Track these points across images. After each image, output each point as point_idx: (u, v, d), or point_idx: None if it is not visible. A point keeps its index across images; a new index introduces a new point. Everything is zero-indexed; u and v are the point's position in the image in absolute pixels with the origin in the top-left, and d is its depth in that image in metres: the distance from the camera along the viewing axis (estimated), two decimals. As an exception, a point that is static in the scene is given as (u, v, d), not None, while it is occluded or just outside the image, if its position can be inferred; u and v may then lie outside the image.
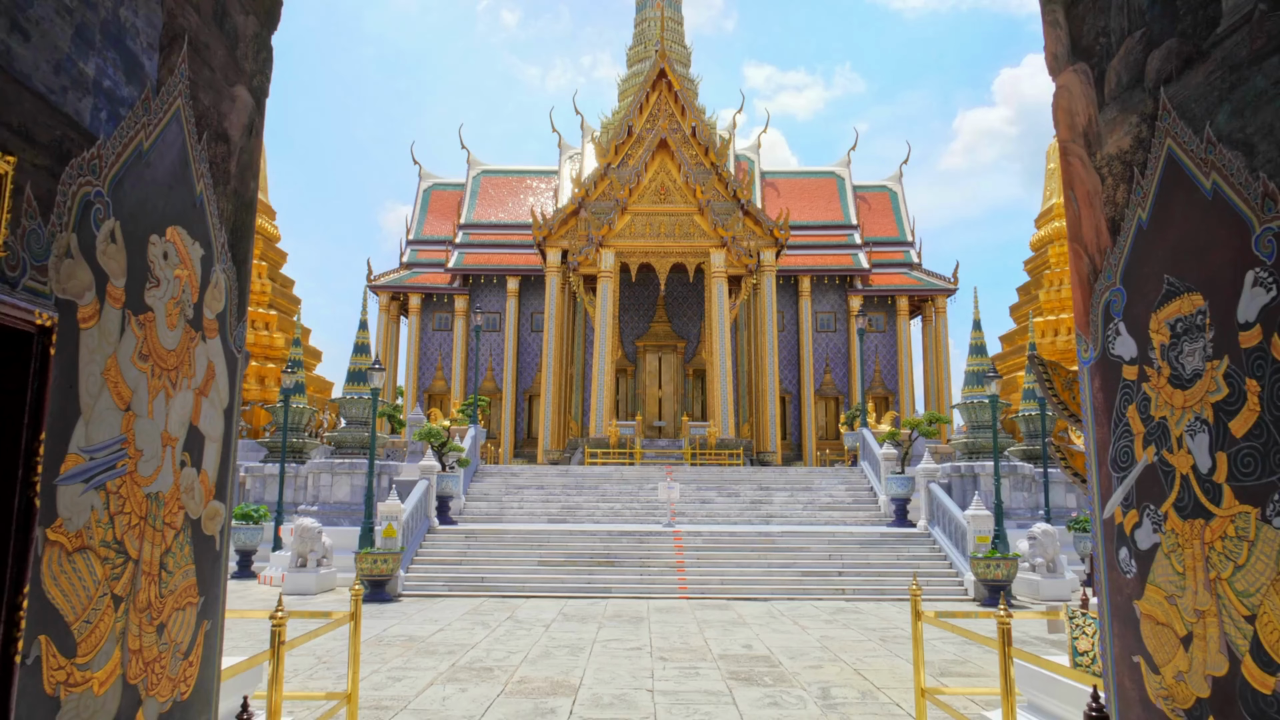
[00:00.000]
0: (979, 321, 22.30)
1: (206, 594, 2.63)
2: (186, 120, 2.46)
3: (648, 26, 40.52)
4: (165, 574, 2.38)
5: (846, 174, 44.00)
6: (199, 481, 2.58)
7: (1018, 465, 20.84)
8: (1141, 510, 2.79)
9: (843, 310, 39.60)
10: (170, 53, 2.37)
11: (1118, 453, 2.92)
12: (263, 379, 32.22)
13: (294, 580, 16.80)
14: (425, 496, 19.75)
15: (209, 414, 2.63)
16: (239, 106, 2.80)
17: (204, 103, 2.57)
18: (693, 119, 33.59)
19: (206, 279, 2.61)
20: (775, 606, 15.25)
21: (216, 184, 2.67)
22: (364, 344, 21.85)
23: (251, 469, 24.56)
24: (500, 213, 42.06)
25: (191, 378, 2.51)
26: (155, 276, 2.30)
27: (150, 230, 2.27)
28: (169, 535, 2.41)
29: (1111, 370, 2.96)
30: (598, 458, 29.39)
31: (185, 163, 2.46)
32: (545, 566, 17.83)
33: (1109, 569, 2.97)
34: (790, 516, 22.32)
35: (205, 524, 2.63)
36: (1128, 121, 2.89)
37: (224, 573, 2.80)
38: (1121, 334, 2.91)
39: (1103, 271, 3.02)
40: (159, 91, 2.31)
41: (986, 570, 16.07)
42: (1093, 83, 3.09)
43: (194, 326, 2.52)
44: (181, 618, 2.48)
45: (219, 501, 2.71)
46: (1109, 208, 2.99)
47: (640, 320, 37.93)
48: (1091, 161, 3.10)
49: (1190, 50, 2.58)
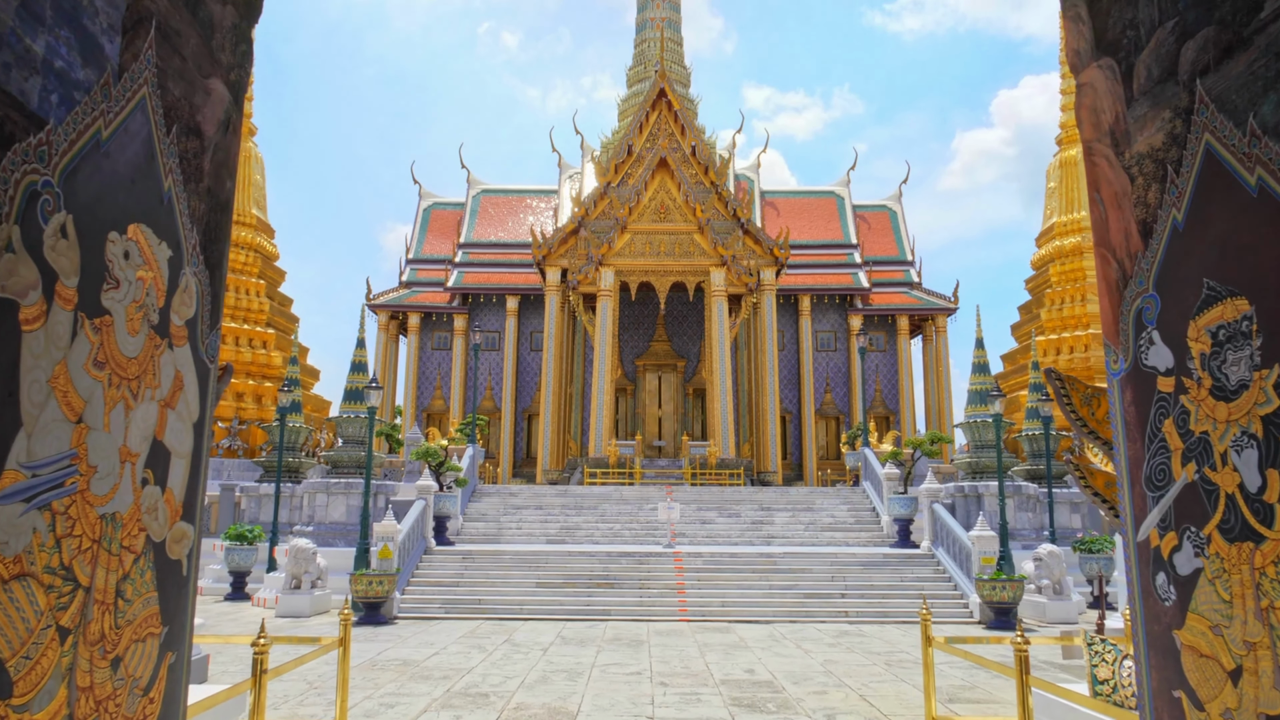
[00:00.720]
0: (981, 340, 22.12)
1: (171, 623, 2.42)
2: (153, 111, 2.28)
3: (647, 47, 40.64)
4: (122, 602, 2.18)
5: (846, 193, 44.00)
6: (163, 501, 2.38)
7: (1022, 485, 20.60)
8: (1181, 533, 2.59)
9: (843, 329, 39.46)
10: (135, 37, 2.19)
11: (1153, 470, 2.73)
12: (260, 397, 32.00)
13: (288, 602, 16.51)
14: (422, 517, 19.48)
15: (176, 428, 2.44)
16: (214, 100, 2.62)
17: (174, 93, 2.40)
18: (692, 138, 33.60)
19: (175, 282, 2.42)
20: (777, 629, 14.97)
21: (187, 181, 2.49)
22: (361, 362, 21.66)
23: (246, 488, 24.29)
24: (500, 232, 42.02)
25: (156, 388, 2.31)
26: (114, 277, 2.11)
27: (109, 227, 2.09)
28: (127, 560, 2.21)
29: (1145, 382, 2.77)
30: (597, 477, 29.12)
31: (151, 156, 2.28)
32: (543, 588, 17.55)
33: (1145, 596, 2.76)
34: (792, 537, 22.04)
35: (170, 547, 2.43)
36: (1160, 117, 2.72)
37: (192, 600, 2.59)
38: (1156, 343, 2.72)
39: (1133, 277, 2.83)
40: (121, 78, 2.14)
41: (992, 592, 15.79)
42: (1119, 78, 2.92)
43: (159, 333, 2.33)
44: (141, 650, 2.27)
45: (187, 523, 2.51)
46: (1140, 209, 2.81)
47: (640, 339, 37.77)
48: (1120, 161, 2.92)
49: (1230, 38, 2.42)
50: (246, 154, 35.36)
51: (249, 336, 32.66)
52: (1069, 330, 32.41)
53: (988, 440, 21.42)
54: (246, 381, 31.83)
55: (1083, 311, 32.07)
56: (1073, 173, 34.48)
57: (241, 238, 34.10)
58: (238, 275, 33.35)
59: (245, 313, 33.00)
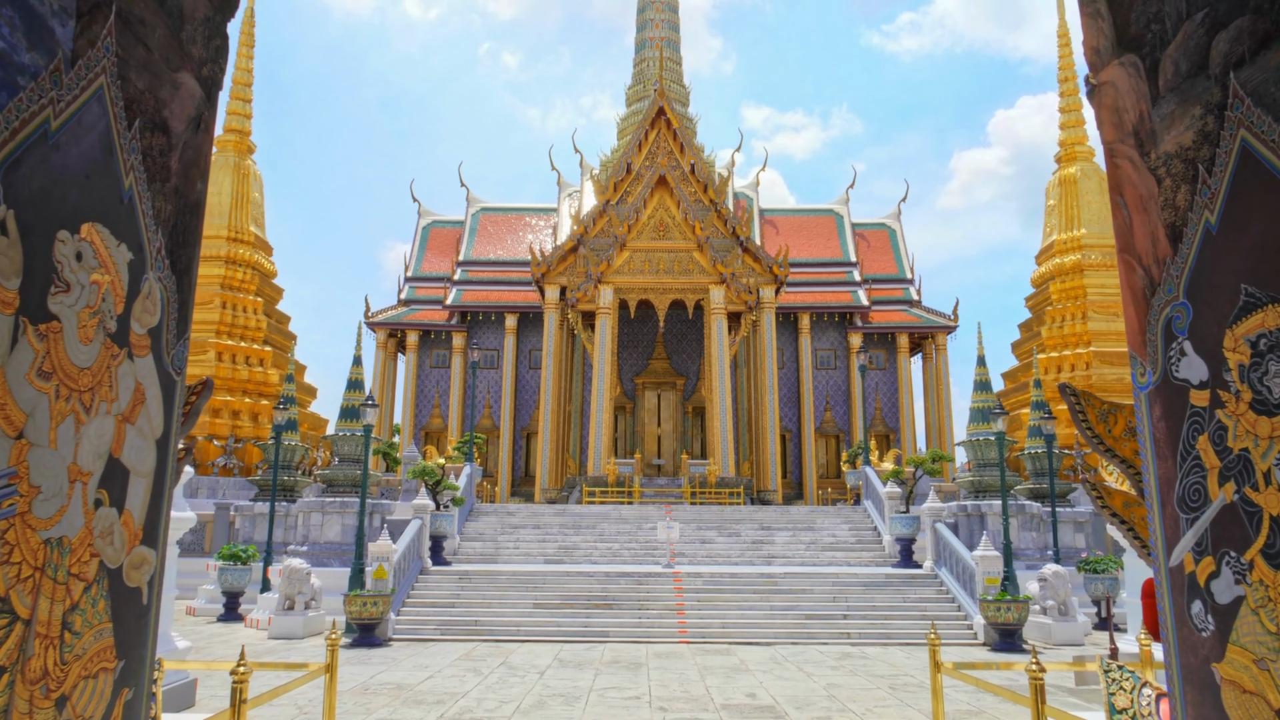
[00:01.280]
0: (983, 357, 21.94)
1: (127, 656, 2.23)
2: (112, 102, 2.12)
3: (646, 66, 40.75)
4: (70, 635, 1.99)
5: (845, 212, 44.00)
6: (120, 524, 2.19)
7: (1025, 504, 20.37)
8: (1219, 558, 2.40)
9: (842, 347, 39.32)
10: (92, 21, 2.04)
11: (1186, 490, 2.55)
12: (256, 415, 31.79)
13: (280, 624, 16.24)
14: (418, 536, 19.23)
15: (136, 444, 2.26)
16: (183, 96, 2.46)
17: (137, 85, 2.24)
18: (691, 156, 33.59)
19: (136, 288, 2.25)
20: (779, 651, 14.70)
21: (152, 180, 2.33)
22: (358, 380, 21.47)
23: (241, 507, 24.05)
24: (499, 250, 41.96)
25: (113, 401, 2.14)
26: (64, 280, 1.94)
27: (58, 225, 1.92)
28: (76, 589, 2.02)
29: (1176, 396, 2.59)
30: (596, 496, 28.86)
31: (109, 151, 2.11)
32: (541, 609, 17.28)
33: (1179, 625, 2.57)
34: (793, 557, 21.77)
35: (129, 574, 2.24)
36: (1189, 114, 2.56)
37: (153, 631, 2.40)
38: (1188, 354, 2.55)
39: (1161, 284, 2.66)
40: (75, 65, 1.98)
41: (997, 613, 15.54)
42: (1144, 75, 2.77)
43: (117, 341, 2.16)
44: (91, 687, 2.08)
45: (148, 548, 2.33)
46: (1168, 212, 2.65)
47: (639, 357, 37.60)
48: (1145, 162, 2.76)
49: (1266, 28, 2.26)
50: (245, 171, 35.34)
51: (245, 354, 32.49)
52: (1070, 348, 32.25)
53: (990, 459, 21.20)
54: (243, 399, 31.63)
55: (1084, 329, 31.93)
56: (1072, 190, 34.45)
57: (239, 255, 34.01)
58: (235, 293, 33.23)
59: (242, 330, 32.85)
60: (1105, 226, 34.09)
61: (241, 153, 35.38)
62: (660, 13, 41.25)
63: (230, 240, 33.98)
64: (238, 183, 34.81)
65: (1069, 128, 35.25)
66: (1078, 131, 35.16)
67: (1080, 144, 34.99)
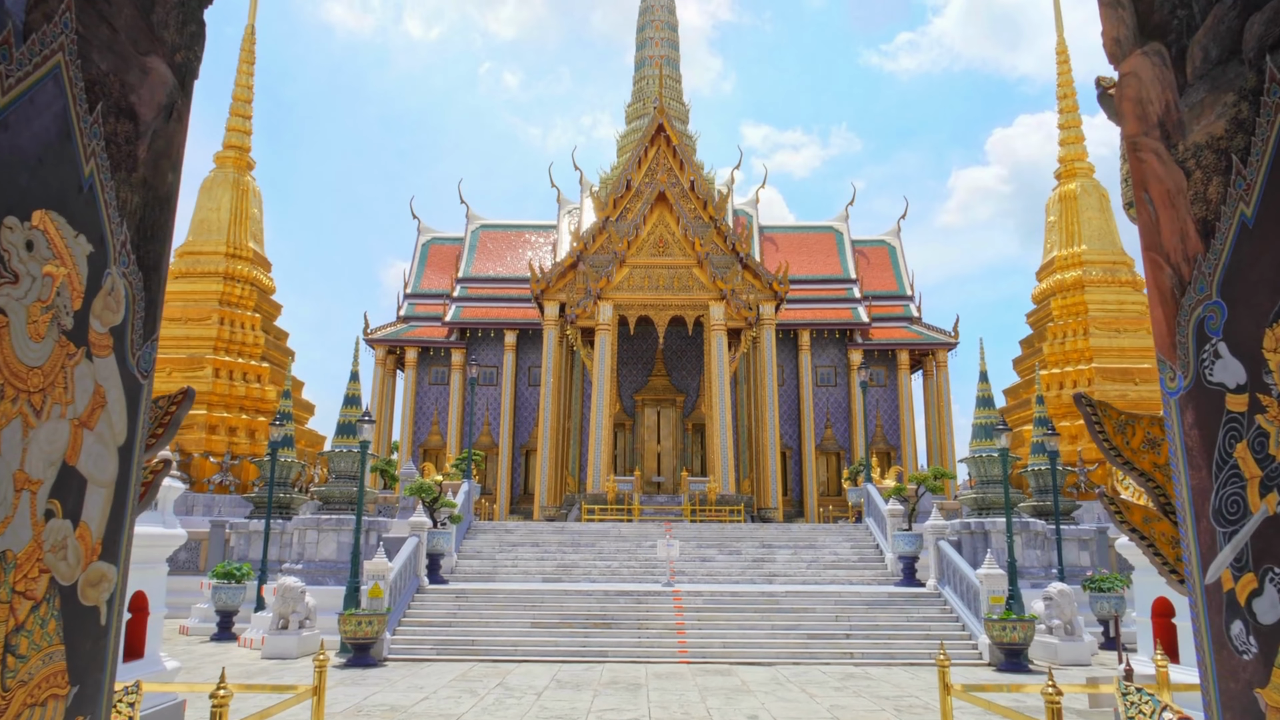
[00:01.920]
0: (986, 373, 21.78)
1: (82, 681, 2.05)
2: (71, 83, 1.97)
3: (646, 84, 40.84)
4: (14, 659, 1.83)
5: (845, 229, 43.97)
6: (75, 538, 2.03)
7: (1029, 521, 20.14)
8: (1262, 575, 2.24)
9: (843, 364, 39.17)
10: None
11: (1223, 502, 2.38)
12: (253, 432, 31.58)
13: (274, 643, 15.98)
14: (414, 554, 19.00)
15: (95, 451, 2.10)
16: (153, 81, 2.32)
17: (100, 67, 2.09)
18: (691, 173, 33.57)
19: (96, 283, 2.10)
20: (781, 671, 14.44)
21: (116, 169, 2.18)
22: (355, 395, 21.30)
23: (236, 525, 23.82)
24: (498, 267, 41.89)
25: (68, 404, 1.98)
26: (12, 270, 1.79)
27: (6, 211, 1.78)
28: (22, 608, 1.86)
29: (1210, 401, 2.43)
30: (595, 514, 28.61)
31: (67, 135, 1.97)
32: (538, 629, 17.02)
33: (1217, 647, 2.40)
34: (794, 575, 21.51)
35: (84, 592, 2.08)
36: (1221, 102, 2.42)
37: (112, 654, 2.23)
38: (1223, 356, 2.39)
39: (1192, 283, 2.51)
40: (27, 39, 1.83)
41: (1002, 633, 15.29)
42: (1169, 63, 2.63)
43: (74, 340, 2.00)
44: (39, 715, 1.91)
45: (107, 563, 2.16)
46: (1198, 206, 2.50)
47: (639, 374, 37.44)
48: (1172, 155, 2.61)
49: (1307, 6, 2.12)
50: (245, 188, 35.31)
51: (243, 370, 32.32)
52: (1072, 364, 32.10)
53: (993, 475, 20.99)
54: (239, 415, 31.43)
55: (1085, 345, 31.79)
56: (1072, 206, 34.42)
57: (237, 270, 33.91)
58: (233, 308, 33.10)
59: (240, 346, 32.69)
60: (1106, 243, 34.02)
61: (241, 169, 35.37)
62: (660, 31, 41.40)
63: (229, 256, 33.89)
64: (237, 199, 34.77)
65: (1068, 144, 35.25)
66: (1077, 148, 35.17)
67: (1080, 160, 34.99)
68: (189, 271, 33.42)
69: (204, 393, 30.76)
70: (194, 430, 30.05)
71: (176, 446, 29.56)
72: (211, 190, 34.83)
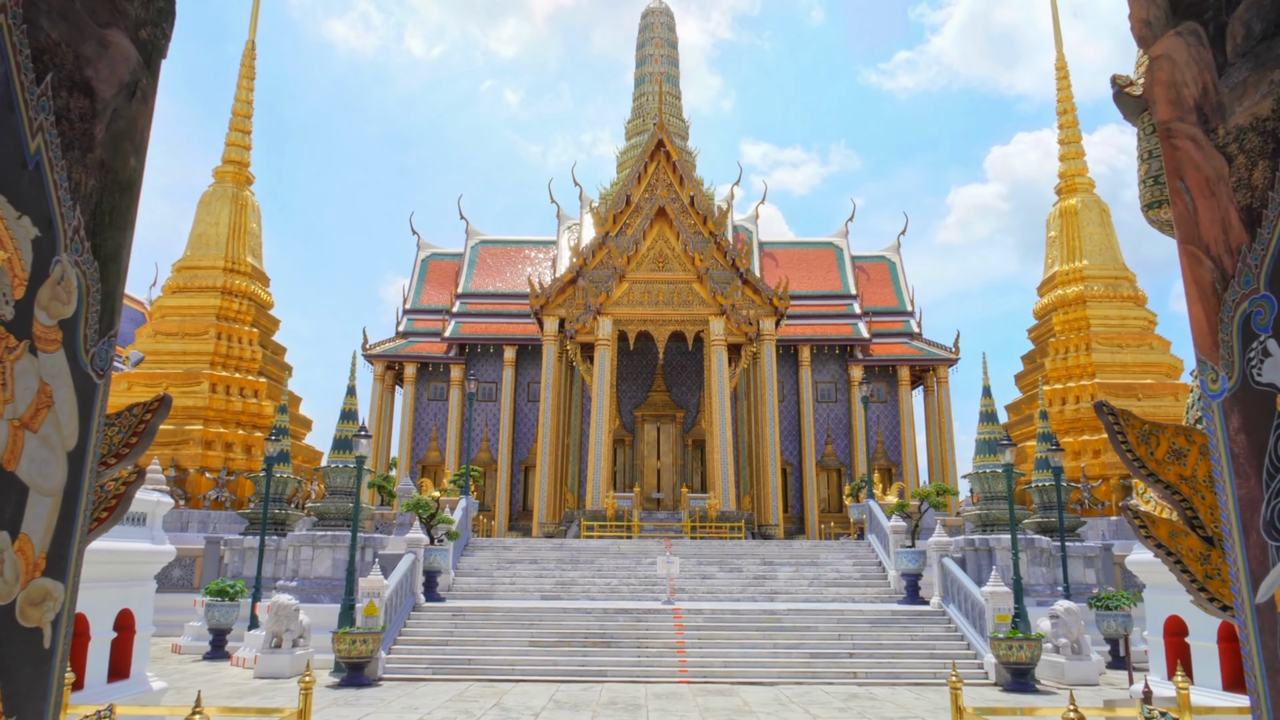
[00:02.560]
0: (989, 388, 21.56)
1: (19, 713, 1.85)
2: (14, 49, 1.80)
3: (646, 100, 40.86)
4: (-64, 688, 1.62)
5: (844, 244, 43.89)
6: (13, 551, 1.83)
7: (1035, 538, 19.87)
8: (1323, 592, 2.04)
9: (843, 380, 38.97)
10: (-14, -50, 1.71)
11: (1275, 514, 2.18)
12: (250, 448, 31.32)
13: (267, 662, 15.70)
14: (411, 571, 18.73)
15: (38, 455, 1.90)
16: (113, 56, 2.14)
17: (50, 35, 1.92)
18: (691, 188, 33.50)
19: (43, 270, 1.91)
20: (783, 691, 14.16)
21: (69, 147, 2.00)
22: (352, 410, 21.08)
23: (230, 541, 23.55)
24: (498, 282, 41.77)
25: (6, 402, 1.79)
26: (-63, 251, 1.60)
27: (-68, 185, 1.59)
28: (-53, 630, 1.66)
29: (1259, 404, 2.24)
30: (594, 531, 28.33)
31: (8, 107, 1.79)
32: (537, 647, 16.74)
33: (1270, 673, 2.20)
34: (796, 593, 21.22)
35: (25, 612, 1.88)
36: (1267, 80, 2.24)
37: (56, 681, 2.02)
38: (1273, 354, 2.20)
39: (1236, 276, 2.33)
40: (-39, -3, 1.65)
41: (1009, 652, 15.01)
42: (1207, 43, 2.45)
43: (15, 332, 1.81)
44: (-34, 752, 1.70)
45: (53, 580, 1.96)
46: (1242, 193, 2.32)
47: (638, 389, 37.23)
48: (1210, 140, 2.44)
49: (1366, -29, 1.95)
50: (244, 202, 35.22)
51: (240, 385, 32.09)
52: (1075, 379, 31.89)
53: (997, 491, 20.74)
54: (236, 431, 31.18)
55: (1088, 360, 31.59)
56: (1073, 222, 34.32)
57: (235, 285, 33.76)
58: (230, 323, 32.93)
59: (237, 361, 32.49)
60: (1107, 258, 33.89)
61: (240, 184, 35.29)
62: (660, 49, 41.48)
63: (227, 271, 33.75)
64: (235, 213, 34.65)
65: (1069, 159, 35.19)
66: (1078, 163, 35.11)
67: (1080, 175, 34.91)
68: (186, 286, 33.27)
69: (200, 408, 30.52)
70: (190, 446, 29.80)
71: (172, 462, 29.31)
72: (210, 205, 34.72)
